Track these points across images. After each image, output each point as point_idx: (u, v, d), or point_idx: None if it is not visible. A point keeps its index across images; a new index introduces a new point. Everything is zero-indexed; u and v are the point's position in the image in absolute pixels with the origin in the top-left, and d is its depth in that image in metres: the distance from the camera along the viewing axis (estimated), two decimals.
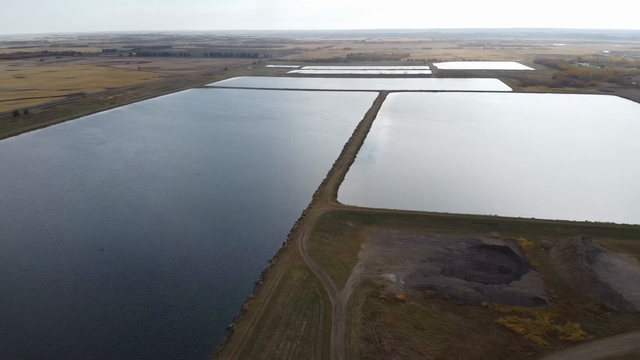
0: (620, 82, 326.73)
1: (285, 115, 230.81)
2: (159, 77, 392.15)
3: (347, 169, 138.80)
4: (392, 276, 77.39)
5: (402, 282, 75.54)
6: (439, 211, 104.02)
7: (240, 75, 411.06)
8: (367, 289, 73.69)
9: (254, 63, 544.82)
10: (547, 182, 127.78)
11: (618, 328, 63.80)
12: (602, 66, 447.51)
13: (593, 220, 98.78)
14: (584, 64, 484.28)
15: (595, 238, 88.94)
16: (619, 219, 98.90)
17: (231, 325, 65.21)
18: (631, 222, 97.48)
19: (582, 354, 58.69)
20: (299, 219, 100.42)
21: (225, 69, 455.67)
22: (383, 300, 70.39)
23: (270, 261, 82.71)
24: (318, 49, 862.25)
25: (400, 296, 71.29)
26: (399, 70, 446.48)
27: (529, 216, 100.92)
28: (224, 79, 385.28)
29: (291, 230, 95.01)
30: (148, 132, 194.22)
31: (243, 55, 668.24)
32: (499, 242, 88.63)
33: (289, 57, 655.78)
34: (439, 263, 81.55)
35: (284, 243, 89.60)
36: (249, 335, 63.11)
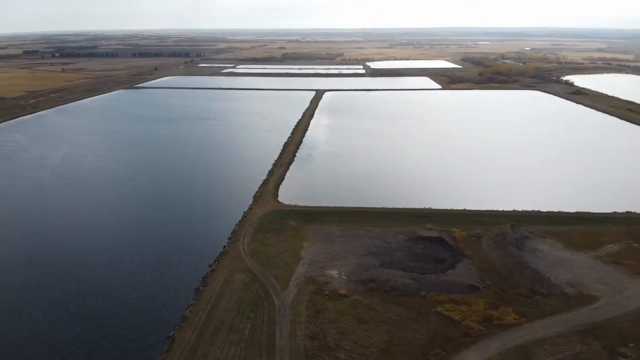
0: (541, 78, 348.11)
1: (221, 116, 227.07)
2: (84, 78, 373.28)
3: (287, 169, 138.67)
4: (334, 272, 78.21)
5: (345, 278, 76.54)
6: (377, 206, 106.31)
7: (171, 75, 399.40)
8: (311, 286, 74.01)
9: (186, 62, 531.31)
10: (476, 175, 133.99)
11: (548, 310, 67.94)
12: (524, 63, 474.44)
13: (520, 209, 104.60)
14: (508, 61, 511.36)
15: (523, 226, 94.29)
16: (544, 207, 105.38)
17: (172, 333, 63.30)
18: (555, 210, 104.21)
19: (516, 337, 61.99)
20: (239, 221, 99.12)
21: (155, 69, 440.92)
22: (326, 297, 70.99)
23: (210, 266, 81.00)
24: (252, 47, 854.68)
25: (343, 291, 72.19)
26: (334, 69, 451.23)
27: (461, 207, 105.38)
28: (154, 79, 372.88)
29: (232, 233, 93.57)
30: (75, 137, 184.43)
31: (174, 55, 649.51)
32: (434, 234, 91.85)
33: (222, 56, 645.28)
34: (379, 256, 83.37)
35: (224, 246, 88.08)
36: (190, 342, 61.53)
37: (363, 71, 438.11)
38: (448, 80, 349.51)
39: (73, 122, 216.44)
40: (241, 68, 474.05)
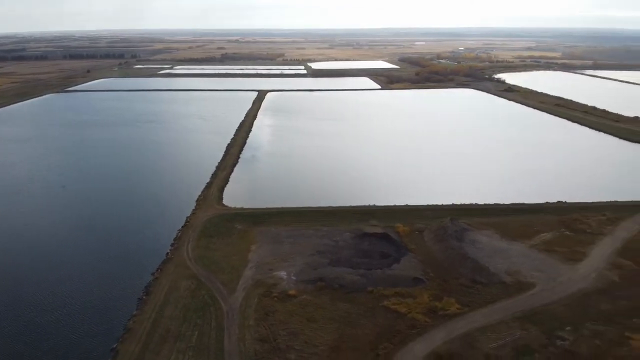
0: (474, 76, 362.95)
1: (160, 118, 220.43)
2: (12, 82, 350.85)
3: (232, 171, 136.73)
4: (283, 273, 77.93)
5: (294, 278, 76.46)
6: (324, 205, 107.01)
7: (106, 77, 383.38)
8: (260, 289, 73.36)
9: (120, 64, 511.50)
10: (417, 171, 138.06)
11: (488, 298, 70.88)
12: (459, 62, 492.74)
13: (459, 203, 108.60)
14: (443, 60, 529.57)
15: (462, 218, 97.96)
16: (481, 200, 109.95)
17: (115, 346, 60.78)
18: (491, 202, 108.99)
19: (459, 326, 64.26)
20: (182, 226, 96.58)
21: (88, 71, 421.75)
22: (276, 299, 70.60)
23: (153, 274, 78.40)
24: (190, 48, 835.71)
25: (292, 292, 72.07)
26: (275, 69, 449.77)
27: (403, 203, 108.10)
28: (87, 81, 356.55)
29: (175, 239, 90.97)
30: (3, 145, 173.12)
31: (107, 56, 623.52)
32: (378, 230, 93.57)
33: (159, 56, 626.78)
34: (327, 255, 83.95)
35: (167, 253, 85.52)
36: (135, 353, 59.33)
37: (305, 71, 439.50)
38: (387, 80, 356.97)
39: (1, 128, 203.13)
40: (179, 69, 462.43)
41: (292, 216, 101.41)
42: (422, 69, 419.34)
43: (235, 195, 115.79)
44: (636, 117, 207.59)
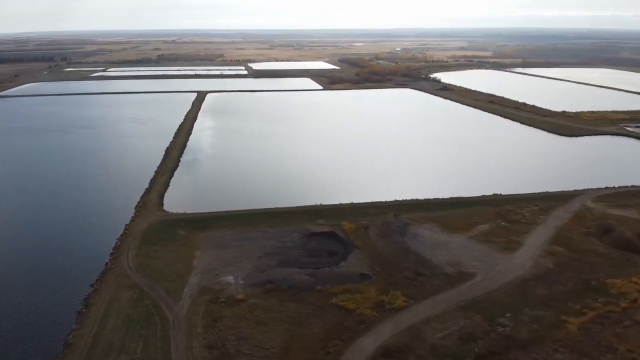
0: (411, 76, 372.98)
1: (94, 123, 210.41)
2: None
3: (172, 175, 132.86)
4: (230, 278, 76.61)
5: (241, 282, 75.34)
6: (271, 206, 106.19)
7: (35, 82, 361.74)
8: (206, 295, 71.70)
9: (50, 67, 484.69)
10: (361, 170, 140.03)
11: (432, 290, 72.95)
12: (396, 62, 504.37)
13: (401, 199, 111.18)
14: (381, 61, 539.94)
15: (405, 214, 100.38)
16: (422, 195, 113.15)
17: None
18: (431, 197, 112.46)
19: (406, 319, 65.72)
20: (121, 235, 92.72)
21: (16, 76, 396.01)
22: (223, 304, 69.26)
23: (92, 286, 74.75)
24: (124, 49, 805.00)
25: (240, 296, 70.97)
26: (215, 70, 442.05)
27: (349, 201, 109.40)
28: (15, 86, 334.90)
29: (114, 249, 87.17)
30: None
31: (36, 59, 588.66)
32: (325, 229, 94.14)
33: (91, 59, 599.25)
34: (275, 256, 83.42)
35: (106, 264, 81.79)
36: None
37: (245, 72, 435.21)
38: (328, 80, 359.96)
39: None
40: (113, 71, 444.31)
41: (238, 219, 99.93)
42: (362, 69, 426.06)
43: (176, 201, 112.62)
44: (563, 112, 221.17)
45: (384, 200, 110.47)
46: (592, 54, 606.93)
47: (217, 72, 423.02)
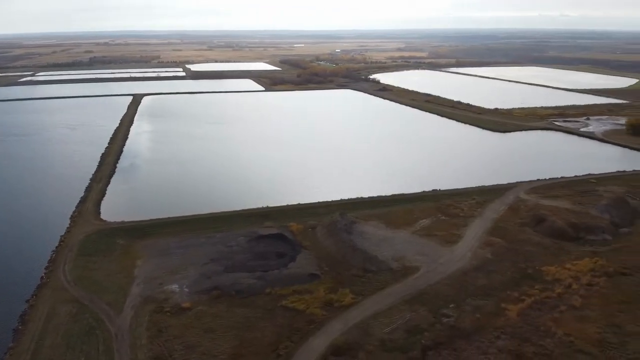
0: (352, 77, 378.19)
1: (22, 130, 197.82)
2: None
3: (109, 182, 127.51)
4: (174, 286, 74.48)
5: (187, 290, 73.45)
6: (215, 211, 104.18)
7: None
8: (150, 305, 69.33)
9: None
10: (306, 170, 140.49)
11: (379, 285, 74.33)
12: (336, 64, 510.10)
13: (347, 198, 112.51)
14: (322, 62, 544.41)
15: (350, 212, 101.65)
16: (366, 193, 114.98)
17: None
18: (375, 195, 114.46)
19: (355, 315, 66.56)
20: (56, 247, 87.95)
21: None
22: (168, 314, 67.23)
23: (28, 301, 70.46)
24: (54, 52, 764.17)
25: (186, 304, 69.16)
26: (151, 72, 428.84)
27: (295, 202, 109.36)
28: None
29: (49, 262, 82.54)
30: None
31: None
32: (273, 230, 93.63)
33: (18, 63, 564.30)
34: (222, 262, 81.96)
35: (41, 277, 77.35)
36: None
37: (183, 74, 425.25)
38: (270, 82, 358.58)
39: None
40: (42, 75, 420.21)
41: (181, 225, 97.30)
42: (303, 70, 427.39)
43: (114, 209, 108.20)
44: (496, 109, 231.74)
45: (330, 199, 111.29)
46: (521, 53, 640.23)
47: (154, 74, 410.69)
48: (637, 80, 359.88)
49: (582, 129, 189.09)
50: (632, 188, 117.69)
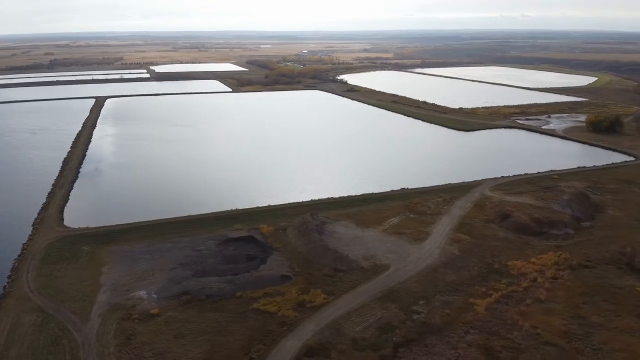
0: (320, 78, 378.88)
1: None
2: None
3: (72, 188, 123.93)
4: (142, 293, 73.00)
5: (155, 296, 72.10)
6: (183, 215, 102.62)
7: None
8: (117, 313, 67.75)
9: None
10: (275, 171, 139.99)
11: (350, 285, 74.77)
12: (304, 64, 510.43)
13: (317, 198, 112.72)
14: (289, 63, 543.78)
15: (321, 212, 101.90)
16: (336, 193, 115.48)
17: None
18: (345, 194, 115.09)
19: (327, 315, 66.78)
20: (19, 255, 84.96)
21: None
22: (137, 321, 65.84)
23: None
24: (13, 55, 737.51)
25: (154, 310, 67.89)
26: (114, 74, 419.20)
27: (265, 204, 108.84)
28: None
29: (11, 271, 79.70)
30: None
31: None
32: (243, 233, 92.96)
33: None
34: (191, 266, 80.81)
35: (4, 287, 74.64)
36: None
37: (147, 75, 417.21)
38: (237, 83, 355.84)
39: None
40: (0, 79, 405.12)
41: (147, 230, 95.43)
42: (271, 71, 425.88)
43: (78, 215, 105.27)
44: (460, 108, 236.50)
45: (300, 200, 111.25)
46: (483, 53, 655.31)
47: (117, 76, 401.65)
48: (596, 79, 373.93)
49: (543, 127, 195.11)
50: (593, 183, 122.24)
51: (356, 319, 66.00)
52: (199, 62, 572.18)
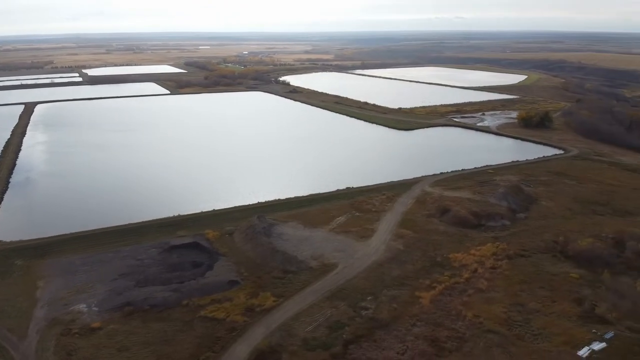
0: (261, 79, 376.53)
1: None
2: None
3: (2, 199, 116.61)
4: (82, 306, 69.81)
5: (96, 309, 69.14)
6: (123, 223, 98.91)
7: None
8: (56, 328, 64.45)
9: None
10: (219, 175, 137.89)
11: (299, 285, 74.97)
12: (245, 66, 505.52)
13: (264, 200, 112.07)
14: (230, 64, 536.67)
15: (269, 214, 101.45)
16: (283, 195, 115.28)
17: None
18: (292, 196, 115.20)
19: (277, 318, 66.65)
20: None
21: None
22: (77, 335, 62.94)
23: None
24: None
25: (96, 324, 65.13)
26: (44, 79, 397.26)
27: (210, 209, 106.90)
28: None
29: None
30: None
31: None
32: (187, 240, 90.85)
33: None
34: (133, 276, 78.13)
35: None
36: None
37: (80, 79, 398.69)
38: (175, 85, 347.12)
39: None
40: None
41: (85, 241, 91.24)
42: (211, 72, 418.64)
43: (9, 227, 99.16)
44: (400, 108, 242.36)
45: (246, 203, 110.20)
46: (420, 54, 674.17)
47: (47, 81, 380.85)
48: (526, 77, 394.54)
49: (478, 124, 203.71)
50: (526, 176, 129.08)
51: (306, 319, 66.25)
52: (135, 65, 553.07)
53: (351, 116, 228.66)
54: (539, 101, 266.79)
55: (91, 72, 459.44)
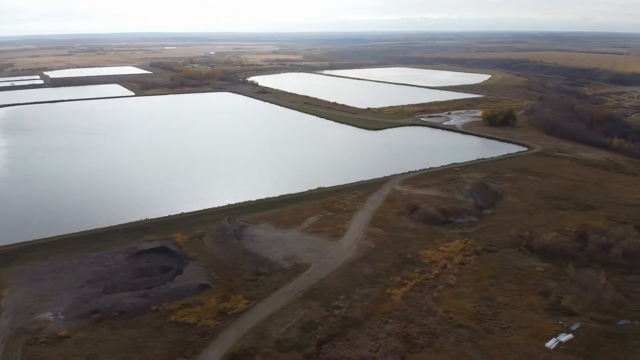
0: (229, 80, 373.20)
1: None
2: None
3: None
4: (48, 314, 67.80)
5: (62, 317, 67.25)
6: (89, 228, 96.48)
7: None
8: (22, 338, 62.44)
9: None
10: (187, 177, 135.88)
11: (272, 287, 74.73)
12: (212, 66, 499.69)
13: (234, 202, 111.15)
14: (196, 64, 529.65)
15: (239, 216, 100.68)
16: (254, 196, 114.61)
17: None
18: (263, 197, 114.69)
19: (249, 320, 66.24)
20: None
21: None
22: (44, 344, 61.13)
23: None
24: None
25: (63, 332, 63.39)
26: (4, 82, 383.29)
27: (178, 212, 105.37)
28: None
29: None
30: None
31: None
32: (155, 244, 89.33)
33: None
34: (100, 283, 76.34)
35: None
36: None
37: (41, 82, 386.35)
38: (140, 86, 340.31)
39: None
40: None
41: (50, 247, 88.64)
42: (177, 73, 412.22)
43: None
44: (368, 108, 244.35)
45: (216, 205, 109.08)
46: (387, 55, 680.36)
47: (7, 84, 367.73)
48: (490, 76, 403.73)
49: (444, 123, 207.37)
50: (491, 173, 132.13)
51: (279, 320, 66.08)
52: (98, 66, 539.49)
53: (321, 116, 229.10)
54: (503, 100, 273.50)
55: (53, 74, 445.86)
